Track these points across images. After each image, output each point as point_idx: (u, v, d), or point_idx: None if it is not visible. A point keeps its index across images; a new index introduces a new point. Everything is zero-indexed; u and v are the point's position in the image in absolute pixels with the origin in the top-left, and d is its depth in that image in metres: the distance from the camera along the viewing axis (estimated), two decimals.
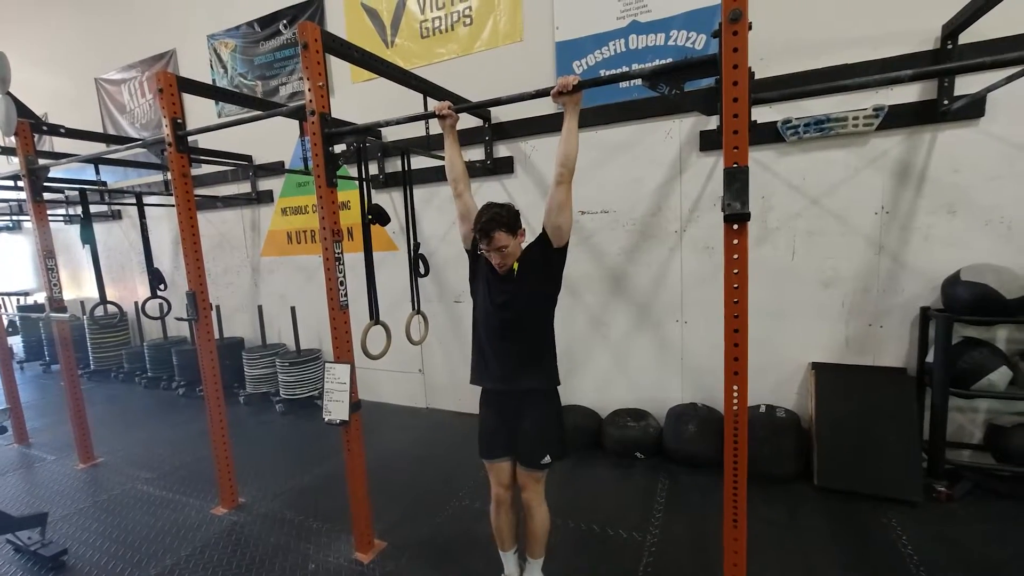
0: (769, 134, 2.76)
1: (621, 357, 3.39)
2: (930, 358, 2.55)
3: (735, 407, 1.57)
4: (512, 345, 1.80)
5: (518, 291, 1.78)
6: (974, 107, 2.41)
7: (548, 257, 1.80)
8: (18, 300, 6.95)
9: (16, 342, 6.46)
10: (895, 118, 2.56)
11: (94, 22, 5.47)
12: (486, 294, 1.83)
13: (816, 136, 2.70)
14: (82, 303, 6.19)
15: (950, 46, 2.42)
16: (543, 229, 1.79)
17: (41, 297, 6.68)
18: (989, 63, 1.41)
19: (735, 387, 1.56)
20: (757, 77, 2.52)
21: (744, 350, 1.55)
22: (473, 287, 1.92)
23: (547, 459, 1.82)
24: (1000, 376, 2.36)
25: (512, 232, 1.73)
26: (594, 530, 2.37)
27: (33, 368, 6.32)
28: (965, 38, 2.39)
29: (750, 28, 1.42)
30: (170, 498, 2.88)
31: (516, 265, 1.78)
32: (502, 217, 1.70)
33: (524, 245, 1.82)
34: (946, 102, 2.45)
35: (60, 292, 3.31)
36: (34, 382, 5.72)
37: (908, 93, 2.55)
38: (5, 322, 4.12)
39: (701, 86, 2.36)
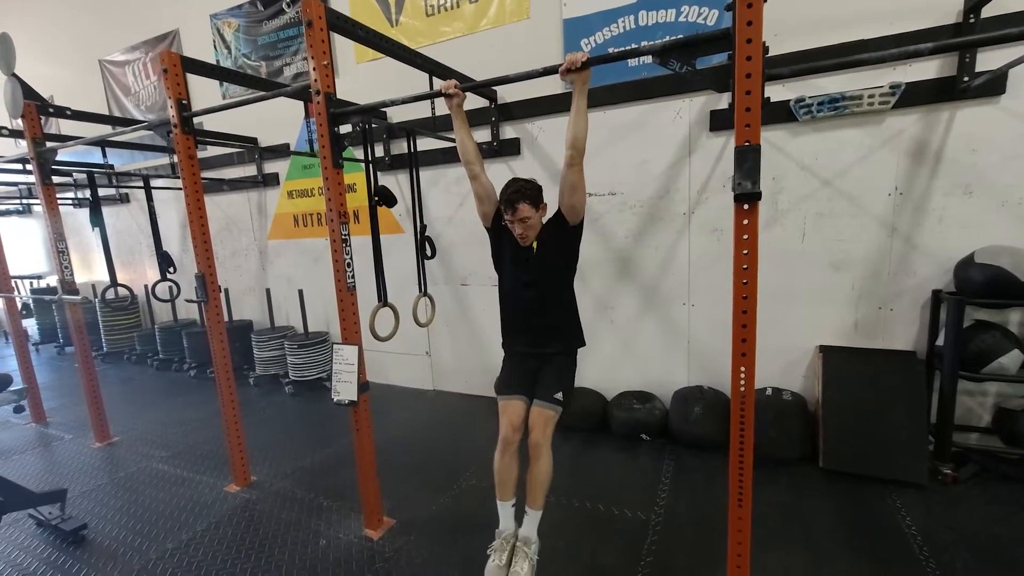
0: (781, 114, 2.70)
1: (628, 340, 3.39)
2: (940, 341, 2.53)
3: (742, 389, 1.57)
4: (540, 319, 1.99)
5: (540, 269, 1.95)
6: (995, 84, 2.34)
7: (564, 234, 1.93)
8: (31, 283, 7.04)
9: (31, 325, 6.58)
10: (912, 96, 2.49)
11: (96, 2, 5.42)
12: (512, 273, 2.00)
13: (830, 115, 2.63)
14: (93, 286, 6.27)
15: (972, 20, 2.33)
16: (559, 208, 1.91)
17: (53, 280, 6.77)
18: (1015, 35, 1.35)
19: (742, 369, 1.56)
20: (771, 53, 2.46)
21: (752, 332, 1.53)
22: (497, 265, 2.09)
23: (559, 395, 1.91)
24: (1011, 359, 2.33)
25: (535, 205, 1.87)
26: (600, 510, 2.40)
27: (48, 350, 6.45)
28: (988, 11, 2.30)
29: (765, 1, 1.37)
30: (184, 476, 2.95)
31: (535, 244, 1.93)
32: (527, 190, 1.86)
33: (544, 219, 1.97)
34: (966, 78, 2.38)
35: (72, 275, 3.35)
36: (49, 364, 5.84)
37: (927, 70, 2.48)
38: (19, 305, 4.18)
39: (713, 63, 2.31)
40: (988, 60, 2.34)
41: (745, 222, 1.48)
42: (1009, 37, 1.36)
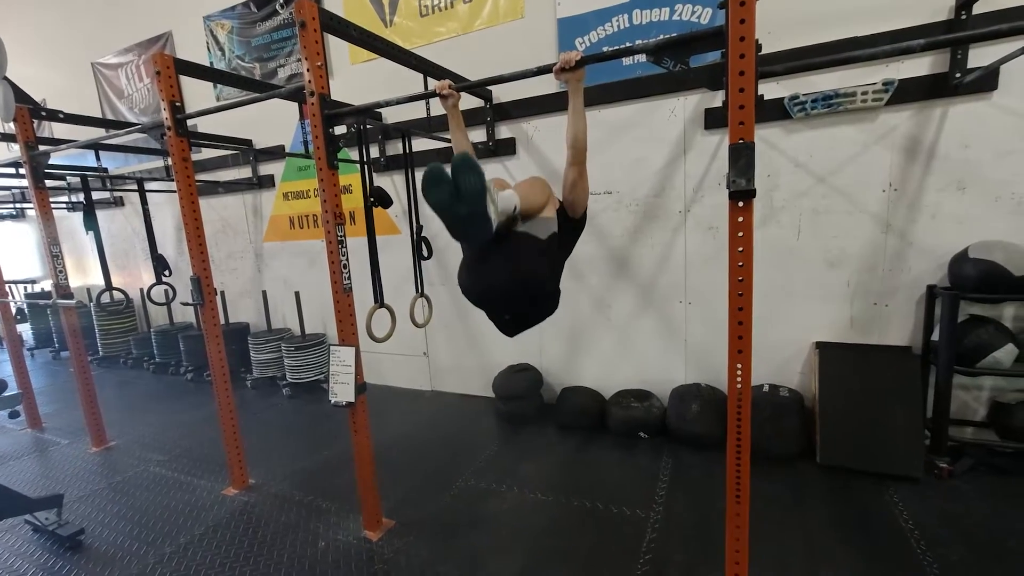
0: (775, 111, 2.71)
1: (625, 338, 3.39)
2: (935, 336, 2.54)
3: (739, 386, 1.58)
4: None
5: None
6: (987, 80, 2.35)
7: (564, 224, 1.91)
8: (25, 288, 7.00)
9: (25, 330, 6.54)
10: (905, 92, 2.50)
11: (89, 4, 5.39)
12: None
13: (824, 112, 2.65)
14: (88, 290, 6.23)
15: (964, 16, 2.35)
16: (561, 203, 1.92)
17: (48, 284, 6.73)
18: (1006, 31, 1.36)
19: (739, 366, 1.57)
20: (764, 51, 2.47)
21: (748, 329, 1.54)
22: None
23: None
24: (1006, 354, 2.35)
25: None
26: (598, 508, 2.41)
27: (43, 355, 6.40)
28: (980, 8, 2.31)
29: None
30: (182, 479, 2.94)
31: None
32: None
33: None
34: (958, 75, 2.39)
35: (66, 279, 3.33)
36: (44, 368, 5.80)
37: (919, 66, 2.49)
38: (14, 310, 4.15)
39: (707, 61, 2.31)
40: (980, 56, 2.35)
41: (740, 219, 1.48)
42: (1000, 33, 1.37)
